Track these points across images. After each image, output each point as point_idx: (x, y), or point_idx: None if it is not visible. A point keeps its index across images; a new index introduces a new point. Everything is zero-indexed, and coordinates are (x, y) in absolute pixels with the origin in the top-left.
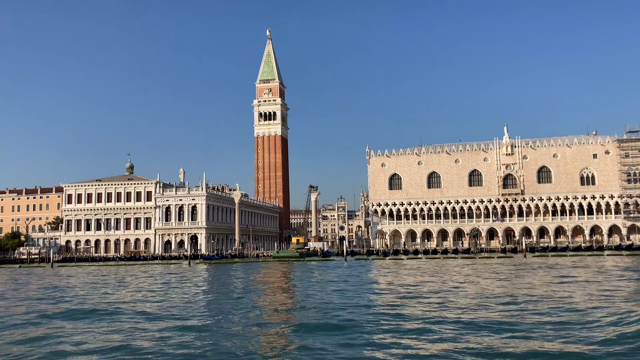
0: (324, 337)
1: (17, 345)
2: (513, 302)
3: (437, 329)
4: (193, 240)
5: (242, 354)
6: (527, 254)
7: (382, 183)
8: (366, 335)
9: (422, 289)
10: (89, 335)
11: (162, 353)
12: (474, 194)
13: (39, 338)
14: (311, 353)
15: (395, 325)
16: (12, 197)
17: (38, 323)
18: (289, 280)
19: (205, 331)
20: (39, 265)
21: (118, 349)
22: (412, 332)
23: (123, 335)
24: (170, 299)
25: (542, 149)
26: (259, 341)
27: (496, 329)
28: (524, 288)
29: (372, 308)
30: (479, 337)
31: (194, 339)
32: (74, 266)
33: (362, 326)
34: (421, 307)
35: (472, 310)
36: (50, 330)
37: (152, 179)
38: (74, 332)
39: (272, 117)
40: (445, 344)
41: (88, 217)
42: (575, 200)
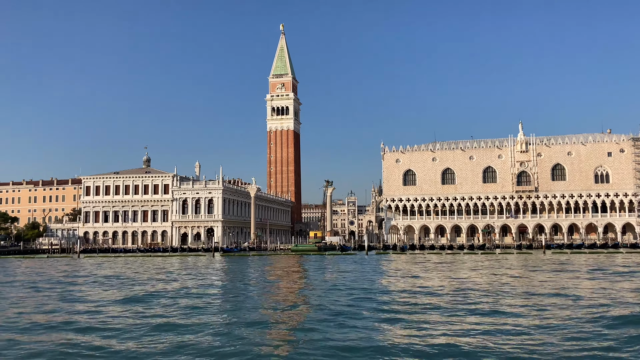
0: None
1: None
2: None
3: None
4: (209, 232)
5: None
6: (545, 251)
7: (397, 179)
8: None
9: (503, 288)
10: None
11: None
12: (488, 190)
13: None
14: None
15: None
16: (29, 189)
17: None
18: (340, 272)
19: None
20: (66, 255)
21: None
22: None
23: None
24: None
25: (557, 146)
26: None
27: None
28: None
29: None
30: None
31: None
32: (99, 257)
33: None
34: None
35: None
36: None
37: (167, 171)
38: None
39: (284, 111)
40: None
41: (106, 209)
42: (589, 198)
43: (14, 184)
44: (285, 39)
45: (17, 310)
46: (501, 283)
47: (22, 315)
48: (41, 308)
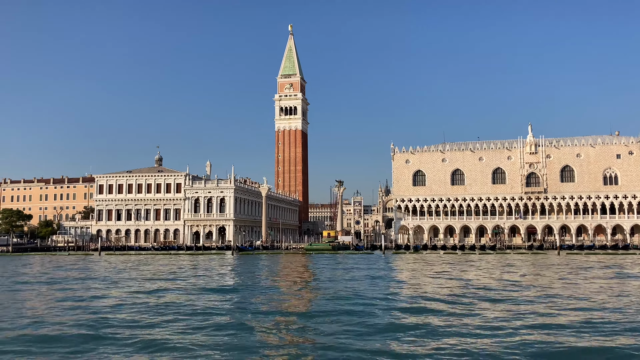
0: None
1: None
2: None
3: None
4: (221, 231)
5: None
6: (560, 252)
7: (406, 179)
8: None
9: (551, 290)
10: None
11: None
12: (497, 191)
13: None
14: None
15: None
16: (40, 187)
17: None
18: (375, 271)
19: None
20: (87, 253)
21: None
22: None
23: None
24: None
25: (566, 148)
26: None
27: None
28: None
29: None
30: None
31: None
32: (119, 254)
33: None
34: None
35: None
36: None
37: (177, 170)
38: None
39: (293, 111)
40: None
41: (119, 207)
42: (597, 200)
43: (25, 182)
44: (293, 40)
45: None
46: (566, 285)
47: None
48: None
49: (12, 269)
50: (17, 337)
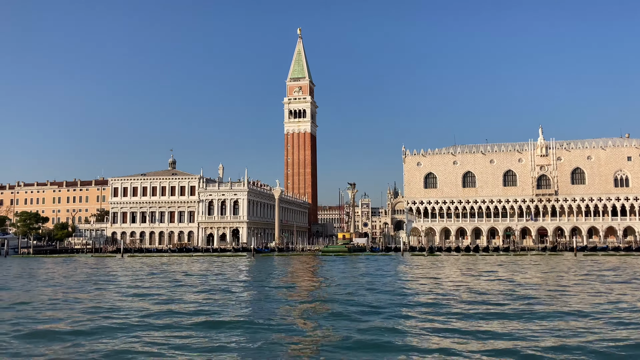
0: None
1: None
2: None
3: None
4: (234, 233)
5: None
6: (577, 253)
7: (418, 182)
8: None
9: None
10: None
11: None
12: (508, 193)
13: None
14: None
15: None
16: (53, 189)
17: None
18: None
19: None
20: (110, 255)
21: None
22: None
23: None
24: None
25: (576, 150)
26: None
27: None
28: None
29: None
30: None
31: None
32: (142, 256)
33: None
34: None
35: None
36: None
37: (190, 173)
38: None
39: (302, 114)
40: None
41: (133, 210)
42: (608, 202)
43: (39, 185)
44: (302, 43)
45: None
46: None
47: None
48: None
49: (65, 273)
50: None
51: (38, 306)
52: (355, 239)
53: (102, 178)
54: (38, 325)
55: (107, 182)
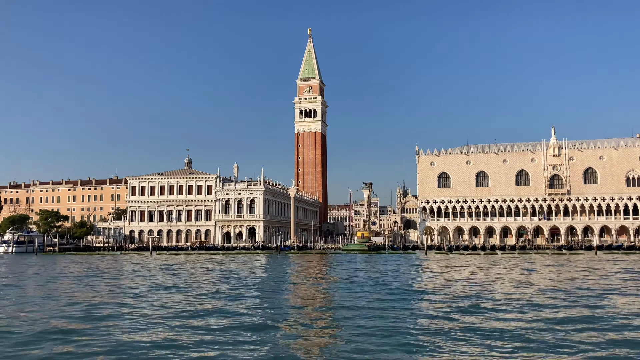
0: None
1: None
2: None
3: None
4: (251, 232)
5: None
6: (597, 252)
7: (431, 181)
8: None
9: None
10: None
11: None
12: (521, 193)
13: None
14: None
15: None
16: (68, 188)
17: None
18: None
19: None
20: (138, 252)
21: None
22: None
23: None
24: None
25: (589, 150)
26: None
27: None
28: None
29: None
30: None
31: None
32: (169, 254)
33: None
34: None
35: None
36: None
37: (205, 172)
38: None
39: (312, 114)
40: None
41: (151, 209)
42: (620, 201)
43: (54, 184)
44: (312, 43)
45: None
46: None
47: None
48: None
49: (120, 273)
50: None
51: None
52: (374, 238)
53: (116, 177)
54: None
55: (122, 181)
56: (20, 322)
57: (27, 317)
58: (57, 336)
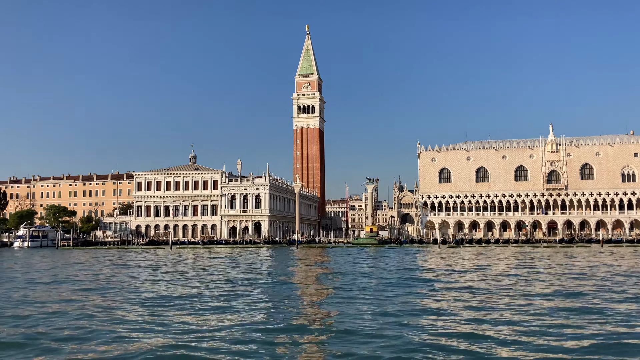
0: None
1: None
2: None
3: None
4: (256, 226)
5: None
6: (603, 245)
7: (432, 177)
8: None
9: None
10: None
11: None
12: (520, 188)
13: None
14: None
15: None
16: (69, 183)
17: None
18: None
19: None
20: (158, 247)
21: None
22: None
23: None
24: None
25: (585, 147)
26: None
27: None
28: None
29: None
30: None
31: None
32: (188, 248)
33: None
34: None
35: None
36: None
37: (209, 168)
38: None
39: (310, 110)
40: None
41: (157, 204)
42: (616, 196)
43: (55, 179)
44: (310, 40)
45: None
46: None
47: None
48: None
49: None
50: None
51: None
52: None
53: (118, 172)
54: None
55: (124, 176)
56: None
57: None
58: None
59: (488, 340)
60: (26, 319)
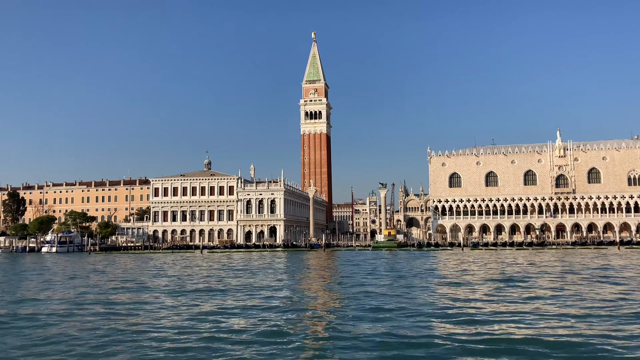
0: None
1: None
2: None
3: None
4: (272, 231)
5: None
6: (620, 247)
7: (443, 181)
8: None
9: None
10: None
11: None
12: (529, 192)
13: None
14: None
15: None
16: (82, 189)
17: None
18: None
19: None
20: (188, 251)
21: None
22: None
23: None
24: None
25: (592, 152)
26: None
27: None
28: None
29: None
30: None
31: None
32: (219, 252)
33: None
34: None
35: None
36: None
37: (223, 173)
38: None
39: (317, 116)
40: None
41: (174, 209)
42: (622, 199)
43: (67, 185)
44: (317, 47)
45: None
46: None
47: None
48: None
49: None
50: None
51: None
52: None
53: (130, 178)
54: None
55: (136, 182)
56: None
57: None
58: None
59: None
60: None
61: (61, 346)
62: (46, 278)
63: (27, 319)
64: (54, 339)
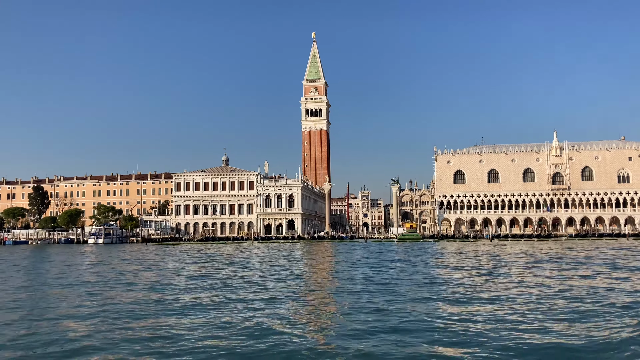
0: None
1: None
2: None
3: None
4: (290, 224)
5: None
6: (629, 238)
7: (448, 178)
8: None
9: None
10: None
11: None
12: (527, 188)
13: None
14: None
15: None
16: (93, 183)
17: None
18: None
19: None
20: (240, 242)
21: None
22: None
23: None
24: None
25: (586, 152)
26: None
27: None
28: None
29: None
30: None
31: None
32: (262, 243)
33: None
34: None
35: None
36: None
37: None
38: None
39: (318, 113)
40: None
41: (196, 203)
42: (613, 196)
43: (78, 179)
44: (317, 46)
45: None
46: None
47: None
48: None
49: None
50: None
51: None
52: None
53: (140, 172)
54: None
55: (147, 176)
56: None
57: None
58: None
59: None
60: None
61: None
62: (186, 266)
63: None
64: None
